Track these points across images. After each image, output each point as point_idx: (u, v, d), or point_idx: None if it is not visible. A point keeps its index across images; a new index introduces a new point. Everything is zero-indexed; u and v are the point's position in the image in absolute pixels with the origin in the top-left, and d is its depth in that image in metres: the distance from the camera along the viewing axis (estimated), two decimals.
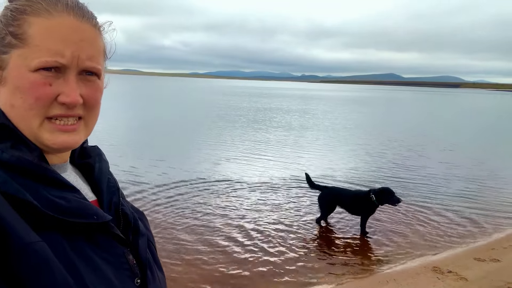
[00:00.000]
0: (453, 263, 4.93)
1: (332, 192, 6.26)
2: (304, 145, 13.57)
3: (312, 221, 6.19)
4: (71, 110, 0.73)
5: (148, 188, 7.31)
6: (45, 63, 0.69)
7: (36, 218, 0.65)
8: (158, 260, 0.91)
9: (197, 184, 7.85)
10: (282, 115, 25.33)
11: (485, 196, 7.98)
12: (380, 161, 11.18)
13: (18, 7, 0.72)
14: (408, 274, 4.62)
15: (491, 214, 7.00)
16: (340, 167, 10.18)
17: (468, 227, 6.34)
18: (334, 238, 5.78)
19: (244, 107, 30.67)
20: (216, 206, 6.67)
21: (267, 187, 7.95)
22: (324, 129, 18.46)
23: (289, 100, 46.92)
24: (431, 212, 6.88)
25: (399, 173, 9.63)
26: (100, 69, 0.77)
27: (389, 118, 28.16)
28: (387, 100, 62.14)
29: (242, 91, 74.41)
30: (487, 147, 15.24)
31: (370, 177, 9.12)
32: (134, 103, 32.29)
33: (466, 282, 4.44)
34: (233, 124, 18.66)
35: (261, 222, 6.09)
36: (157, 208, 6.35)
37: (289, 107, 33.63)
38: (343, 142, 14.59)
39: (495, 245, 5.66)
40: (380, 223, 6.23)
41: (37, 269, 0.60)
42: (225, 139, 13.91)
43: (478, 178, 9.50)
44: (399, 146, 13.88)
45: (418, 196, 7.71)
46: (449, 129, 21.10)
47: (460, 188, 8.49)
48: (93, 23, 0.77)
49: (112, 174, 0.92)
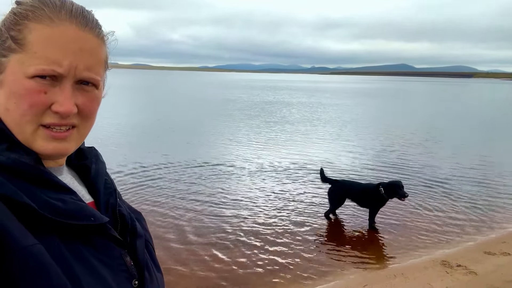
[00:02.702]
0: (462, 257, 4.88)
1: (343, 185, 6.25)
2: (325, 137, 13.55)
3: (320, 215, 6.20)
4: (64, 119, 0.72)
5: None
6: (42, 71, 0.68)
7: (33, 221, 0.65)
8: (156, 260, 0.91)
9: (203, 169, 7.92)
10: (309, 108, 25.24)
11: (495, 189, 7.85)
12: (389, 155, 11.10)
13: (21, 12, 0.71)
14: (416, 268, 4.60)
15: (502, 206, 6.90)
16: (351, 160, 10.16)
17: (478, 220, 6.26)
18: (343, 232, 5.79)
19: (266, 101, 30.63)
20: (219, 194, 6.73)
21: (275, 177, 7.98)
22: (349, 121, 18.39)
23: (314, 93, 46.57)
24: (439, 206, 6.81)
25: (406, 166, 9.56)
26: (98, 80, 0.76)
27: (400, 110, 27.84)
28: (399, 92, 61.33)
29: (256, 84, 74.01)
30: (497, 140, 15.00)
31: (374, 170, 9.07)
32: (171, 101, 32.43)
33: (476, 276, 4.39)
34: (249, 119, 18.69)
35: (267, 214, 6.12)
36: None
37: (320, 100, 33.39)
38: (361, 135, 14.53)
39: (506, 238, 5.58)
40: (388, 217, 6.21)
41: (34, 272, 0.60)
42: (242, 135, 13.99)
43: (488, 171, 9.34)
44: (415, 139, 13.75)
45: (427, 190, 7.63)
46: (460, 121, 20.78)
47: (469, 181, 8.37)
48: (96, 33, 0.76)
49: (109, 175, 0.92)
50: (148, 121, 16.89)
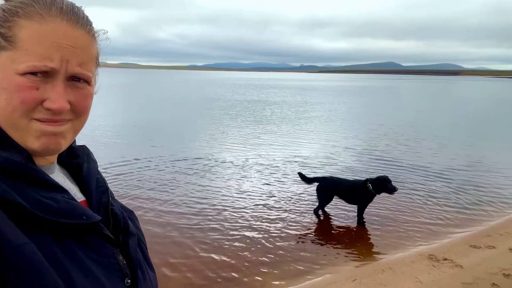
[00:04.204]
0: (449, 251, 4.98)
1: (330, 182, 6.30)
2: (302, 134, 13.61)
3: (310, 212, 6.25)
4: (57, 116, 0.72)
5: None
6: (33, 68, 0.68)
7: (25, 219, 0.64)
8: (149, 259, 0.91)
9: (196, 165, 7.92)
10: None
11: (479, 185, 8.01)
12: (374, 152, 11.22)
13: (11, 8, 0.70)
14: (403, 263, 4.67)
15: (486, 201, 7.05)
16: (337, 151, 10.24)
17: (463, 215, 6.39)
18: (332, 228, 5.85)
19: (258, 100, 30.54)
20: (210, 189, 6.73)
21: (263, 175, 8.01)
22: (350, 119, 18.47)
23: (303, 91, 46.51)
24: (426, 201, 6.93)
25: (394, 162, 9.68)
26: (90, 76, 0.76)
27: (388, 108, 28.09)
28: (387, 90, 61.85)
29: (243, 83, 73.73)
30: (480, 135, 15.28)
31: (362, 166, 9.17)
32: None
33: (462, 269, 4.48)
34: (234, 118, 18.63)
35: (255, 211, 6.15)
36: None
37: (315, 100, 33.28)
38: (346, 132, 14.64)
39: (490, 232, 5.70)
40: (376, 213, 6.28)
41: (26, 271, 0.60)
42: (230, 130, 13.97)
43: (473, 167, 9.52)
44: (401, 135, 13.92)
45: (413, 186, 7.75)
46: (444, 118, 21.09)
47: (454, 178, 8.51)
48: (86, 30, 0.75)
49: (101, 173, 0.91)
50: (114, 121, 15.59)
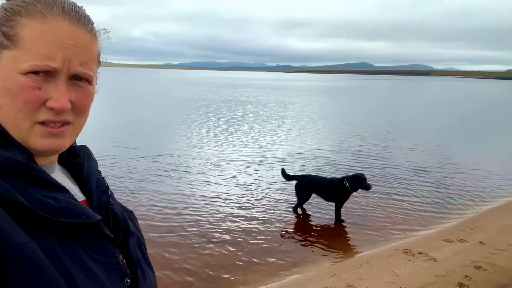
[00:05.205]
0: (423, 245, 5.15)
1: (308, 180, 6.40)
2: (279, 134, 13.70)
3: (289, 210, 6.31)
4: (59, 116, 0.72)
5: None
6: (36, 67, 0.68)
7: (26, 219, 0.64)
8: (148, 259, 0.92)
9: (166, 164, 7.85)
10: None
11: (451, 182, 8.32)
12: (348, 150, 11.43)
13: (13, 7, 0.70)
14: (380, 257, 4.81)
15: (457, 197, 7.35)
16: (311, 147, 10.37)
17: (436, 211, 6.64)
18: (310, 225, 5.94)
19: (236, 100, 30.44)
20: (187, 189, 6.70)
21: (240, 174, 8.03)
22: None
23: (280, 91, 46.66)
24: (401, 198, 7.15)
25: (368, 161, 9.91)
26: (92, 75, 0.76)
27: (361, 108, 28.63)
28: (361, 90, 63.01)
29: (218, 82, 73.48)
30: (449, 133, 15.82)
31: (339, 166, 9.33)
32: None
33: (435, 262, 4.66)
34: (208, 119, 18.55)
35: (233, 210, 6.17)
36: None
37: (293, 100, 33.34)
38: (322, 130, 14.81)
39: (462, 226, 5.94)
40: (353, 209, 6.43)
41: (27, 270, 0.60)
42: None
43: (445, 165, 9.88)
44: (375, 135, 14.22)
45: (388, 184, 7.98)
46: (415, 117, 21.70)
47: (428, 175, 8.81)
48: (88, 29, 0.75)
49: (101, 173, 0.92)
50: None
